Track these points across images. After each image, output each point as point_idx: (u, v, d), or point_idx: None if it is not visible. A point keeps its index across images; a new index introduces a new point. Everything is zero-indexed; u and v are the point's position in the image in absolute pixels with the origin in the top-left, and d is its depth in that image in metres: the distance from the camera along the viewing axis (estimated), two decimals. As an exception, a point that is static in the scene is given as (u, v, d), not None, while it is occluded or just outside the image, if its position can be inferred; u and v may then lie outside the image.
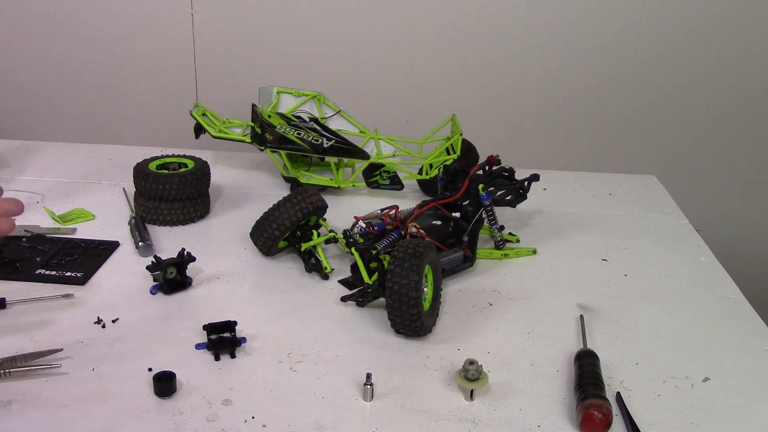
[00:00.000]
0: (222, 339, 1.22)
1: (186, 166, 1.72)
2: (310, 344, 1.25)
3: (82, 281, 1.42)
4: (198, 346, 1.22)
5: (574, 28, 2.50)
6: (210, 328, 1.22)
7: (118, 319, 1.30)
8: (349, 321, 1.33)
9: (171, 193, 1.63)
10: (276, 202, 1.51)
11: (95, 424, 1.05)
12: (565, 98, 2.58)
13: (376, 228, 1.45)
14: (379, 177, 1.84)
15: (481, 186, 1.52)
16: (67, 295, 1.36)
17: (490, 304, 1.40)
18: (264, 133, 1.76)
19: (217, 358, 1.20)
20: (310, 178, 1.85)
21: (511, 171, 1.59)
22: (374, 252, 1.38)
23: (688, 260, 1.61)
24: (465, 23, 2.51)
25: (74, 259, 1.48)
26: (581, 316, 1.35)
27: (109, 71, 2.63)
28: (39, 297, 1.35)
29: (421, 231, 1.43)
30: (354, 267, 1.43)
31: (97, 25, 2.57)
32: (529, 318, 1.36)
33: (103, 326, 1.28)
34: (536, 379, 1.19)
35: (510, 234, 1.64)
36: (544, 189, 1.92)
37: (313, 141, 1.78)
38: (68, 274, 1.44)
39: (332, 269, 1.48)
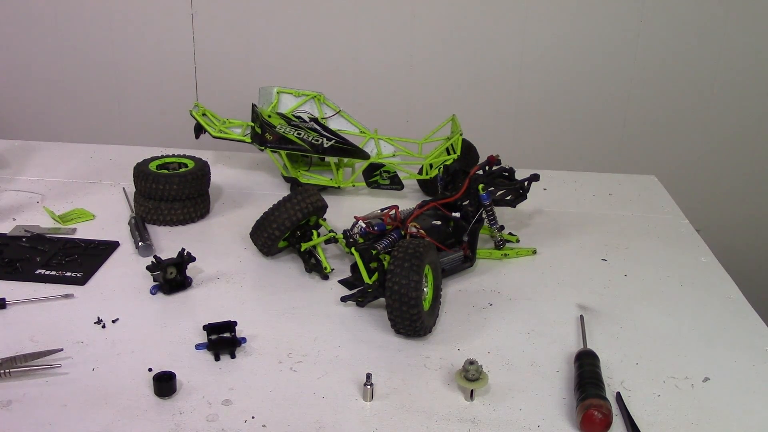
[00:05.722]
0: (222, 339, 1.22)
1: (186, 166, 1.72)
2: (310, 344, 1.26)
3: (82, 281, 1.42)
4: (198, 346, 1.22)
5: (575, 28, 2.50)
6: (210, 328, 1.22)
7: (118, 319, 1.30)
8: (349, 321, 1.33)
9: (171, 193, 1.63)
10: (276, 202, 1.51)
11: (95, 424, 1.05)
12: (565, 98, 2.58)
13: (376, 228, 1.45)
14: (379, 177, 1.84)
15: (481, 186, 1.52)
16: (67, 295, 1.36)
17: (490, 304, 1.40)
18: (264, 133, 1.76)
19: (217, 358, 1.20)
20: (310, 178, 1.85)
21: (511, 171, 1.59)
22: (374, 252, 1.38)
23: (688, 260, 1.61)
24: (465, 23, 2.51)
25: (74, 259, 1.48)
26: (581, 316, 1.35)
27: (109, 71, 2.63)
28: (39, 297, 1.35)
29: (421, 231, 1.43)
30: (354, 267, 1.43)
31: (97, 25, 2.57)
32: (529, 318, 1.36)
33: (103, 326, 1.28)
34: (536, 379, 1.19)
35: (510, 234, 1.64)
36: (544, 189, 1.92)
37: (313, 141, 1.78)
38: (68, 274, 1.44)
39: (332, 269, 1.48)
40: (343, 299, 1.38)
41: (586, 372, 1.14)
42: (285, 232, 1.49)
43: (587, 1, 2.47)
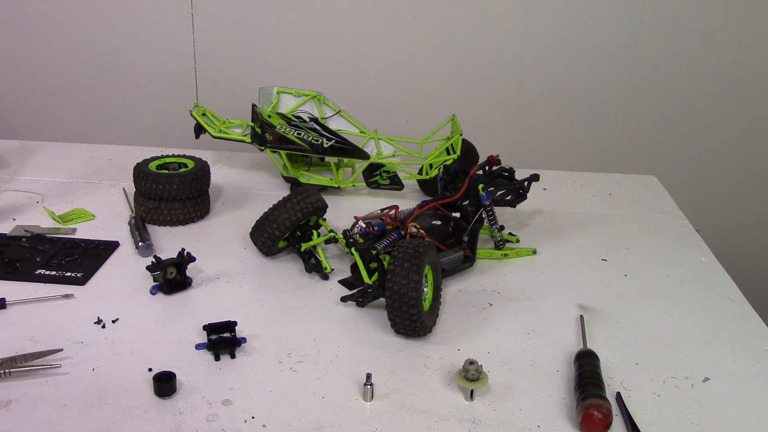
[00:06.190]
0: (222, 339, 1.22)
1: (186, 166, 1.72)
2: (310, 344, 1.25)
3: (82, 281, 1.42)
4: (198, 346, 1.22)
5: (575, 28, 2.50)
6: (210, 328, 1.22)
7: (118, 319, 1.30)
8: (349, 321, 1.33)
9: (171, 193, 1.63)
10: (276, 202, 1.51)
11: (95, 424, 1.05)
12: (565, 98, 2.58)
13: (376, 228, 1.45)
14: (379, 177, 1.84)
15: (481, 186, 1.52)
16: (67, 295, 1.36)
17: (490, 304, 1.40)
18: (264, 133, 1.76)
19: (217, 358, 1.20)
20: (310, 178, 1.85)
21: (511, 171, 1.59)
22: (374, 252, 1.38)
23: (688, 260, 1.61)
24: (465, 23, 2.51)
25: (74, 259, 1.48)
26: (581, 316, 1.35)
27: (109, 71, 2.63)
28: (39, 297, 1.35)
29: (421, 231, 1.43)
30: (354, 267, 1.43)
31: (98, 26, 2.57)
32: (529, 318, 1.36)
33: (103, 326, 1.28)
34: (536, 379, 1.19)
35: (510, 234, 1.64)
36: (544, 189, 1.92)
37: (313, 141, 1.78)
38: (68, 274, 1.44)
39: (332, 269, 1.48)
40: (343, 299, 1.38)
41: (586, 372, 1.14)
42: (285, 232, 1.49)
43: (587, 1, 2.47)
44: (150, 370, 1.16)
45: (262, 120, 1.76)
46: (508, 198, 1.58)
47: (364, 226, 1.45)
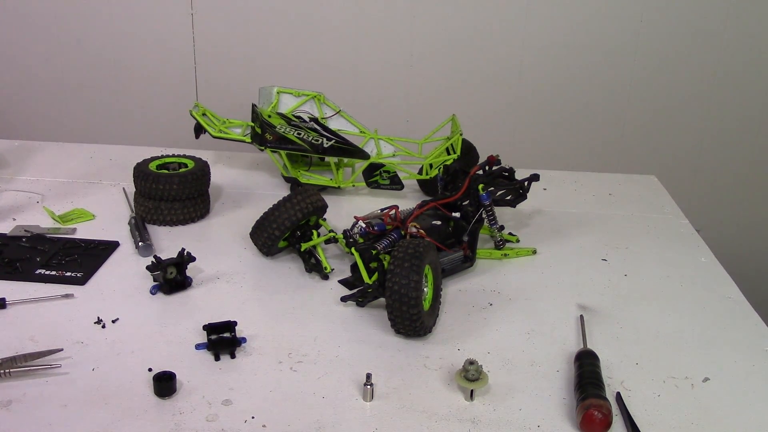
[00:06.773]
0: (222, 339, 1.22)
1: (186, 166, 1.72)
2: (310, 344, 1.26)
3: (82, 281, 1.42)
4: (198, 346, 1.22)
5: (575, 28, 2.50)
6: (210, 328, 1.22)
7: (118, 319, 1.30)
8: (349, 321, 1.33)
9: (171, 193, 1.63)
10: (276, 202, 1.51)
11: (95, 424, 1.05)
12: (565, 98, 2.58)
13: (376, 228, 1.45)
14: (379, 177, 1.84)
15: (481, 186, 1.52)
16: (67, 295, 1.36)
17: (490, 304, 1.40)
18: (264, 133, 1.76)
19: (217, 358, 1.20)
20: (310, 178, 1.85)
21: (511, 171, 1.59)
22: (374, 252, 1.38)
23: (688, 260, 1.61)
24: (465, 23, 2.51)
25: (74, 259, 1.48)
26: (581, 316, 1.35)
27: (109, 71, 2.63)
28: (39, 297, 1.35)
29: (421, 231, 1.43)
30: (354, 267, 1.43)
31: (98, 26, 2.57)
32: (529, 318, 1.36)
33: (103, 326, 1.28)
34: (536, 379, 1.19)
35: (510, 234, 1.64)
36: (544, 189, 1.92)
37: (313, 141, 1.78)
38: (68, 274, 1.44)
39: (332, 269, 1.48)
40: (343, 299, 1.38)
41: (586, 372, 1.14)
42: (285, 232, 1.49)
43: (587, 1, 2.47)
44: (150, 370, 1.16)
45: (262, 120, 1.76)
46: (508, 198, 1.58)
47: (364, 226, 1.45)
